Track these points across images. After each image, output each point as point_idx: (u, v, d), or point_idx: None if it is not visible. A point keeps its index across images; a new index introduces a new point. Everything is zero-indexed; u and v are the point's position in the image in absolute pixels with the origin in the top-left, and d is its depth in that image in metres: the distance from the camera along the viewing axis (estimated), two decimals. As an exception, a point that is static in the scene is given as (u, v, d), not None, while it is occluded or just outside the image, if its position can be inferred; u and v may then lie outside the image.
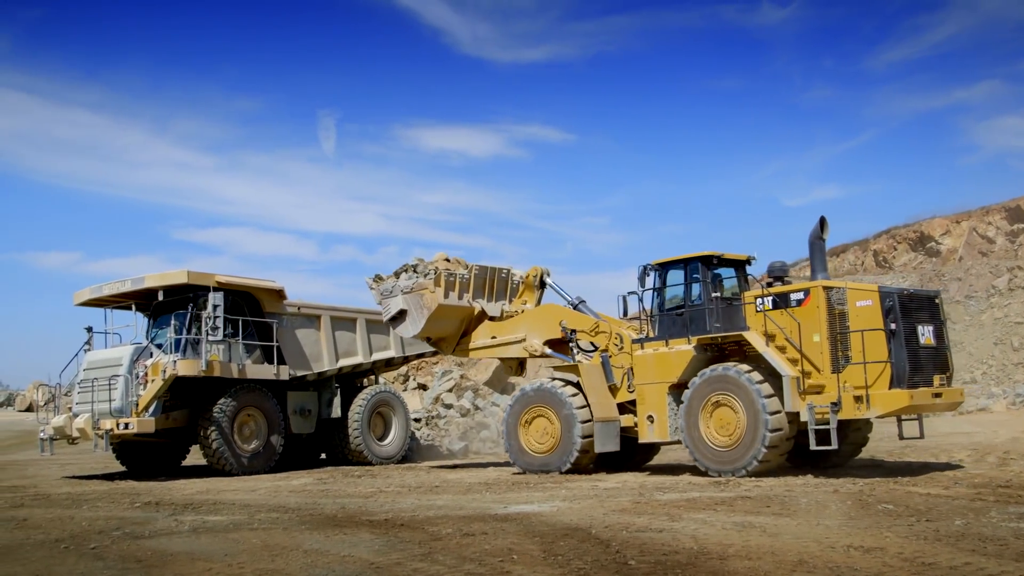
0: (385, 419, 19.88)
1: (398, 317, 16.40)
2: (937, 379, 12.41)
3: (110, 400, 16.04)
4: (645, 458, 15.94)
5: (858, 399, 11.96)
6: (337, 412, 19.07)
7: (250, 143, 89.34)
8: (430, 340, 17.20)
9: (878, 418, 12.52)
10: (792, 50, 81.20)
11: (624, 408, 14.72)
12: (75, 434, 16.54)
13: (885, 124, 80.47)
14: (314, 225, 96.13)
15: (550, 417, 14.83)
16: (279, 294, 18.20)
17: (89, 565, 7.33)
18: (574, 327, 15.49)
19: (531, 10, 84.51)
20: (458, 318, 16.50)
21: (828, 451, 12.22)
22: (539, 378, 17.55)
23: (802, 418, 12.28)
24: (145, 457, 17.90)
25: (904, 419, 13.17)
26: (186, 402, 16.86)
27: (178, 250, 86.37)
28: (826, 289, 12.48)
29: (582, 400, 14.61)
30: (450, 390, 27.19)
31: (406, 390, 28.65)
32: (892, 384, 11.91)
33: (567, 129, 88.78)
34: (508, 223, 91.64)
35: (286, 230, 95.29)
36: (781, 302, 12.75)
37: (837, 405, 12.03)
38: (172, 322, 16.94)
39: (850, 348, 12.17)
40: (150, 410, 16.06)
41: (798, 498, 9.92)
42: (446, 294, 16.03)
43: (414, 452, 20.90)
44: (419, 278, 16.07)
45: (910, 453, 15.14)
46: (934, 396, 12.26)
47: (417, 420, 23.27)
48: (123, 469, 17.90)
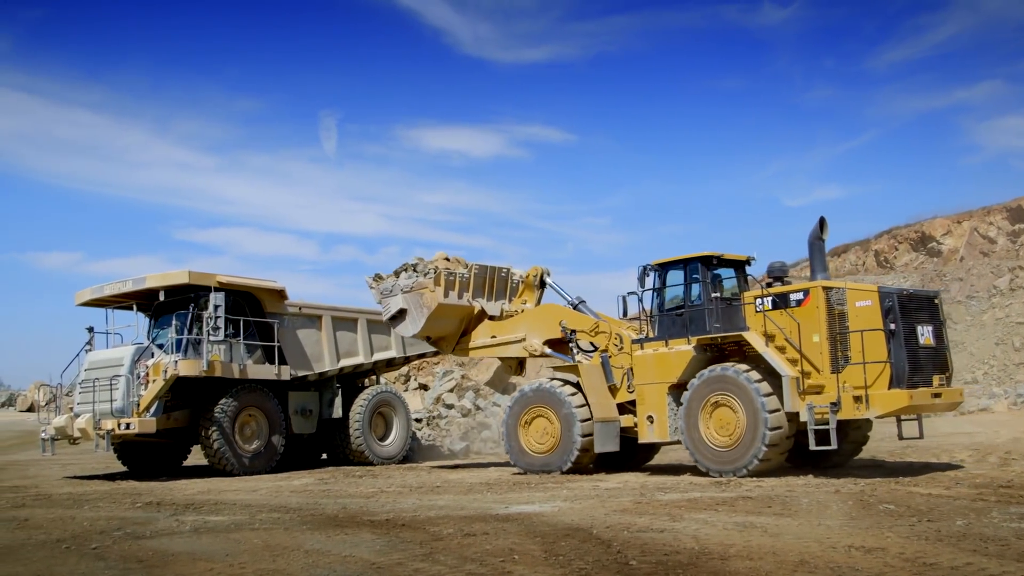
0: (386, 419, 19.88)
1: (398, 316, 16.40)
2: (936, 379, 12.43)
3: (111, 400, 16.07)
4: (645, 458, 15.95)
5: (857, 399, 11.97)
6: (338, 412, 19.07)
7: (251, 143, 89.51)
8: (430, 339, 17.21)
9: (877, 418, 12.54)
10: (793, 50, 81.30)
11: (624, 408, 14.73)
12: (76, 434, 16.56)
13: (886, 124, 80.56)
14: (315, 225, 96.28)
15: (550, 417, 14.84)
16: (280, 294, 18.21)
17: (90, 565, 7.34)
18: (574, 327, 15.50)
19: (532, 10, 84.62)
20: (458, 317, 16.51)
21: (828, 451, 12.24)
22: (539, 378, 17.55)
23: (802, 418, 12.30)
24: (146, 457, 17.91)
25: (903, 419, 13.18)
26: (187, 402, 16.87)
27: (179, 250, 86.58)
28: (825, 289, 12.49)
29: (581, 400, 14.62)
30: (451, 390, 27.19)
31: (407, 390, 28.67)
32: (891, 384, 11.93)
33: (568, 129, 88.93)
34: (509, 223, 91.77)
35: (287, 230, 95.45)
36: (781, 302, 12.77)
37: (836, 405, 12.05)
38: (173, 322, 16.98)
39: (849, 348, 12.18)
40: (151, 410, 16.08)
41: (799, 498, 9.92)
42: (446, 293, 16.04)
43: (415, 452, 20.90)
44: (419, 277, 16.08)
45: (911, 453, 15.14)
46: (933, 396, 12.28)
47: (418, 420, 23.27)
48: (124, 469, 17.92)
